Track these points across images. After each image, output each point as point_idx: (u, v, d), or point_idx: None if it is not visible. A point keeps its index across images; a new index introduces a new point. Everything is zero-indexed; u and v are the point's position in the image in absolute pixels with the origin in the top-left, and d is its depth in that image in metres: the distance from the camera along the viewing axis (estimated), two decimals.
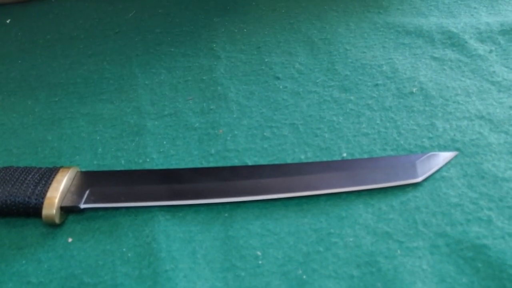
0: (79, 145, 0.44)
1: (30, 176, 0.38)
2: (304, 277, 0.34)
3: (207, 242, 0.36)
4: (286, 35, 0.54)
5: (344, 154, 0.42)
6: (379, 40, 0.52)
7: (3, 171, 0.39)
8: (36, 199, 0.37)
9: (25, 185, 0.38)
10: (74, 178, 0.39)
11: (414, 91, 0.46)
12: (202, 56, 0.53)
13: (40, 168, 0.40)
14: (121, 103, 0.48)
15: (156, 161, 0.42)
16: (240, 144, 0.43)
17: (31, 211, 0.37)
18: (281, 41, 0.54)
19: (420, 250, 0.35)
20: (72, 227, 0.38)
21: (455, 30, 0.52)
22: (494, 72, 0.47)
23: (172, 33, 0.56)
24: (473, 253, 0.34)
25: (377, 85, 0.47)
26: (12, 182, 0.38)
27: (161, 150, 0.43)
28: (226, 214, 0.38)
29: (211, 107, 0.47)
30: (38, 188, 0.38)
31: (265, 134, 0.44)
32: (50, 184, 0.38)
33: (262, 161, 0.42)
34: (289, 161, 0.42)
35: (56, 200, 0.37)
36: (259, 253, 0.36)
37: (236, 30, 0.56)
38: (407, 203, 0.37)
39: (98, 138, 0.45)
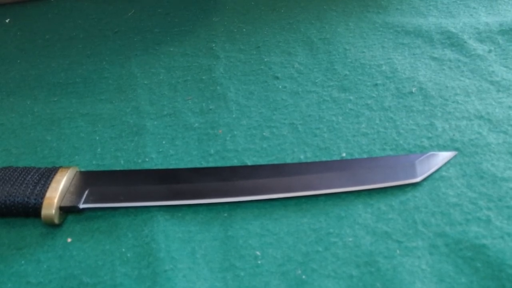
0: (78, 145, 0.44)
1: (29, 176, 0.38)
2: (304, 277, 0.34)
3: (206, 242, 0.36)
4: (286, 35, 0.54)
5: (344, 154, 0.42)
6: (378, 40, 0.52)
7: (2, 171, 0.39)
8: (35, 199, 0.37)
9: (24, 185, 0.38)
10: (73, 178, 0.39)
11: (413, 91, 0.46)
12: (201, 55, 0.53)
13: (39, 168, 0.40)
14: (120, 103, 0.48)
15: (155, 161, 0.42)
16: (239, 144, 0.43)
17: (30, 211, 0.37)
18: (281, 40, 0.54)
19: (419, 250, 0.35)
20: (71, 227, 0.38)
21: (454, 30, 0.52)
22: (493, 72, 0.47)
23: (171, 33, 0.56)
24: (472, 253, 0.34)
25: (376, 85, 0.47)
26: (11, 182, 0.38)
27: (160, 150, 0.43)
28: (225, 214, 0.38)
29: (210, 107, 0.47)
30: (37, 188, 0.38)
31: (264, 134, 0.44)
32: (49, 184, 0.38)
33: (261, 161, 0.42)
34: (288, 161, 0.42)
35: (55, 200, 0.37)
36: (258, 253, 0.36)
37: (235, 30, 0.56)
38: (406, 203, 0.37)
39: (97, 138, 0.45)
